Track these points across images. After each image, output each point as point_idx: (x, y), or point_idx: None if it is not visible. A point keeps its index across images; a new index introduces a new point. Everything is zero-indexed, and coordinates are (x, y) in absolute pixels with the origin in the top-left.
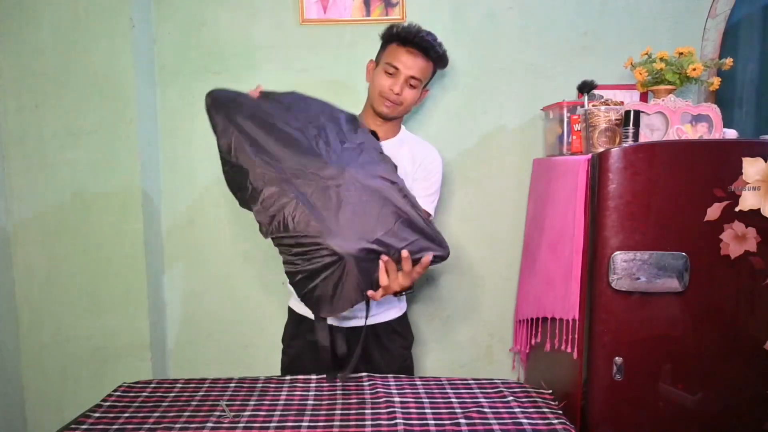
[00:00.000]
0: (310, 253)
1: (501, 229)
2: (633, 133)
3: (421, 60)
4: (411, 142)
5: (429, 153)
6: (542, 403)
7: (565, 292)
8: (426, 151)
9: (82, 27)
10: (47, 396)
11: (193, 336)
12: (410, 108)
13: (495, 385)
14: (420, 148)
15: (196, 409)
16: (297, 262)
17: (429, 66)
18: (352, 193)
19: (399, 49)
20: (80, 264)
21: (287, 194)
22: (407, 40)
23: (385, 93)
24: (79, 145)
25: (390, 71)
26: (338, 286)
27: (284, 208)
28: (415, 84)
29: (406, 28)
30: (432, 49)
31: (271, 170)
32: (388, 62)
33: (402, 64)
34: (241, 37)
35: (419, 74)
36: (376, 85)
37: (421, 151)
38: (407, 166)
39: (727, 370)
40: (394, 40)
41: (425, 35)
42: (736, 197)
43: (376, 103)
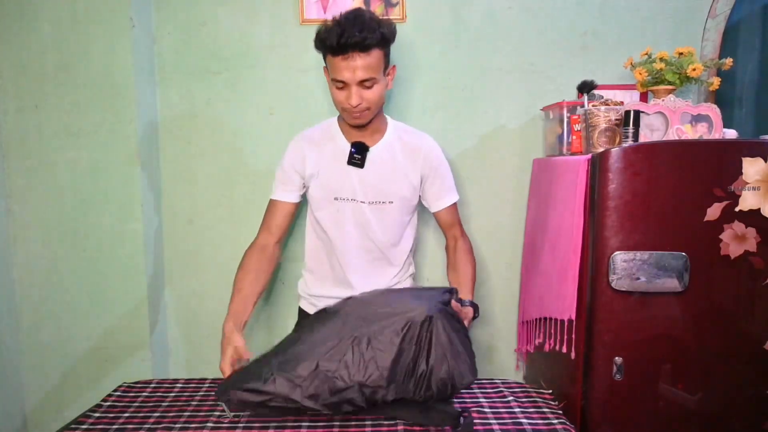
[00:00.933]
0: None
1: (501, 229)
2: (633, 133)
3: (360, 59)
4: (404, 134)
5: (423, 143)
6: (542, 403)
7: (561, 292)
8: (420, 141)
9: (82, 27)
10: (47, 396)
11: (193, 336)
12: (382, 101)
13: (495, 385)
14: (413, 140)
15: (196, 409)
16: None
17: (374, 55)
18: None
19: (335, 60)
20: (80, 264)
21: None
22: (336, 48)
23: (346, 108)
24: (79, 145)
25: (338, 86)
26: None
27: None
28: (370, 84)
29: (328, 33)
30: (365, 42)
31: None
32: (333, 78)
33: (346, 75)
34: (241, 37)
35: (368, 73)
36: (334, 100)
37: (415, 143)
38: (406, 164)
39: (727, 370)
40: (326, 51)
41: (352, 33)
42: (736, 197)
43: (345, 117)
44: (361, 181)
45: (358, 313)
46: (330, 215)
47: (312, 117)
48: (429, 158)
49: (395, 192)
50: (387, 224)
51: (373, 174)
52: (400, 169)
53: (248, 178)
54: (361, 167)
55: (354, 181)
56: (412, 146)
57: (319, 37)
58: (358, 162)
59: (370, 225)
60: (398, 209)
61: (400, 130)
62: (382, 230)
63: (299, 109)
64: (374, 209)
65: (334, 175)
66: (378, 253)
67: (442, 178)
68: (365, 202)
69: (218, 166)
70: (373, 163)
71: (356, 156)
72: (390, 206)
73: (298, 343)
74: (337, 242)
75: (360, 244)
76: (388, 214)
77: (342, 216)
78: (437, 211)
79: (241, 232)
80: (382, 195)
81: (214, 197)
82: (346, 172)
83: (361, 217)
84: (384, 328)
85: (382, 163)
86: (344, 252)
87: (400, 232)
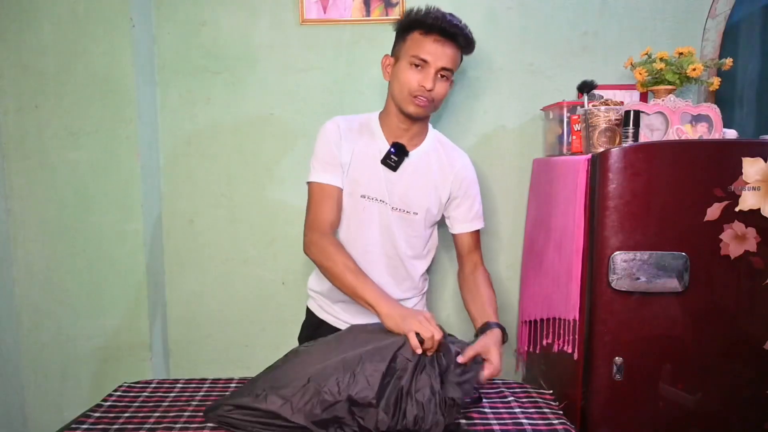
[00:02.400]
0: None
1: (501, 229)
2: (633, 133)
3: (450, 48)
4: (441, 147)
5: (460, 159)
6: (543, 403)
7: (566, 292)
8: (457, 157)
9: (82, 27)
10: (47, 396)
11: (193, 336)
12: (442, 102)
13: (495, 385)
14: (450, 154)
15: (196, 409)
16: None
17: (458, 54)
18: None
19: (424, 39)
20: (80, 264)
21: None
22: (433, 27)
23: (414, 90)
24: (79, 145)
25: (417, 63)
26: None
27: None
28: (446, 75)
29: (429, 12)
30: (461, 35)
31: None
32: (415, 54)
33: (431, 56)
34: (241, 37)
35: (450, 64)
36: (402, 81)
37: (453, 157)
38: (438, 178)
39: (727, 370)
40: (415, 28)
41: (452, 19)
42: (736, 197)
43: (404, 104)
44: (390, 184)
45: (354, 335)
46: (355, 212)
47: (312, 117)
48: (461, 176)
49: (422, 204)
50: (409, 235)
51: (404, 180)
52: (432, 181)
53: (248, 178)
54: (394, 170)
55: (383, 182)
56: (448, 161)
57: (411, 16)
58: (392, 164)
59: (393, 231)
60: (422, 222)
61: (440, 141)
62: (404, 239)
63: (299, 109)
64: (398, 217)
65: (365, 170)
66: (397, 260)
67: (471, 201)
68: (391, 206)
69: (218, 166)
70: (405, 170)
71: (393, 157)
72: (414, 217)
73: (290, 362)
74: (358, 242)
75: (381, 248)
76: (410, 225)
77: (367, 215)
78: (460, 233)
79: (241, 232)
80: (408, 204)
81: (214, 197)
82: (377, 171)
83: (386, 220)
84: (379, 349)
85: (415, 172)
86: (364, 253)
87: (421, 246)
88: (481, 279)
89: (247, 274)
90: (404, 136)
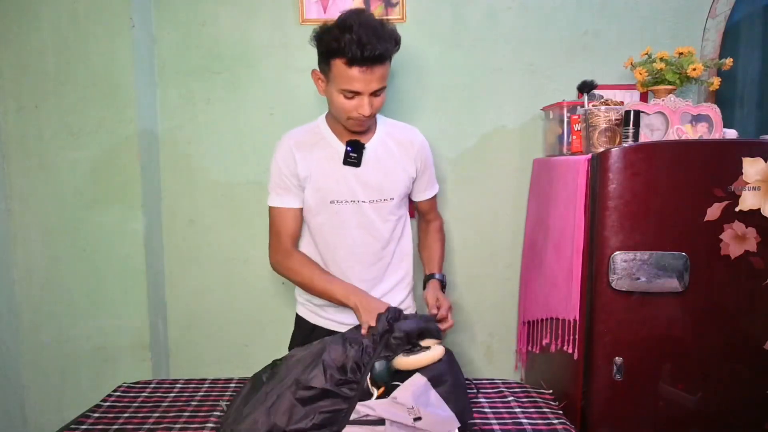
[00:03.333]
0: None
1: (501, 229)
2: (633, 133)
3: (378, 69)
4: (394, 129)
5: (416, 136)
6: (542, 403)
7: (566, 292)
8: (413, 135)
9: (82, 27)
10: (47, 396)
11: (193, 336)
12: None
13: (495, 386)
14: (405, 134)
15: (196, 409)
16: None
17: (388, 64)
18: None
19: (350, 71)
20: (80, 264)
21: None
22: (355, 59)
23: (354, 117)
24: (79, 145)
25: (348, 96)
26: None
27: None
28: (380, 93)
29: (343, 42)
30: (386, 54)
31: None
32: (344, 88)
33: (361, 86)
34: (241, 37)
35: (381, 83)
36: (338, 107)
37: (408, 136)
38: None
39: (727, 370)
40: (337, 56)
41: (373, 45)
42: (736, 197)
43: (346, 125)
44: (360, 180)
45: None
46: (328, 220)
47: (312, 117)
48: (422, 151)
49: (395, 188)
50: (387, 220)
51: (372, 172)
52: (398, 163)
53: (248, 178)
54: (357, 166)
55: (352, 181)
56: (406, 140)
57: (326, 44)
58: (354, 161)
59: (373, 224)
60: (396, 205)
61: (389, 125)
62: (385, 228)
63: (299, 109)
64: (375, 208)
65: (328, 177)
66: (381, 253)
67: (430, 171)
68: (366, 201)
69: (218, 166)
70: (369, 161)
71: (352, 155)
72: (390, 203)
73: (248, 401)
74: (338, 248)
75: (363, 248)
76: (387, 212)
77: (341, 219)
78: (422, 201)
79: (241, 233)
80: (383, 192)
81: (214, 197)
82: (342, 174)
83: (363, 217)
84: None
85: (379, 160)
86: (346, 257)
87: (399, 228)
88: (433, 232)
89: (247, 274)
90: (356, 134)
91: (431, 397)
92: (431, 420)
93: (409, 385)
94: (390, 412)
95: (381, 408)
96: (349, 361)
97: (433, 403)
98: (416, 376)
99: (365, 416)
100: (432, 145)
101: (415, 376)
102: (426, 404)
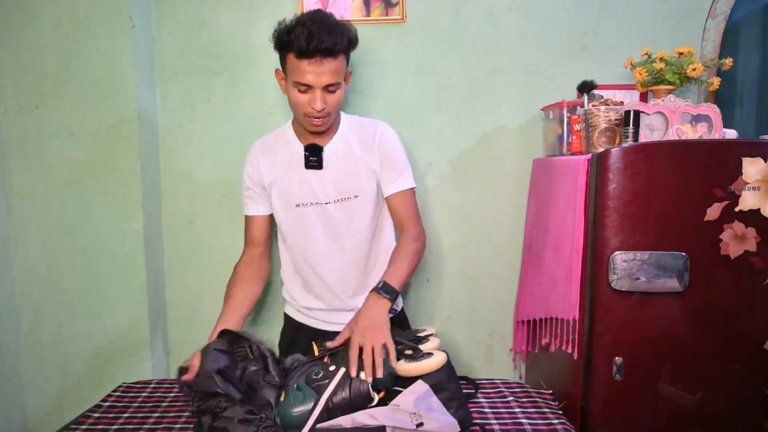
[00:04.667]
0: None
1: (501, 229)
2: (633, 133)
3: (329, 63)
4: (358, 126)
5: (377, 129)
6: (542, 403)
7: (565, 292)
8: (374, 129)
9: (82, 27)
10: (47, 396)
11: (193, 336)
12: (341, 106)
13: (495, 385)
14: (367, 130)
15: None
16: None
17: (340, 60)
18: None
19: (300, 63)
20: (80, 264)
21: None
22: (302, 52)
23: (307, 112)
24: (79, 145)
25: (301, 89)
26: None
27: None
28: (334, 89)
29: (293, 34)
30: (335, 48)
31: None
32: (296, 81)
33: (311, 79)
34: (241, 37)
35: (333, 78)
36: (293, 103)
37: (370, 131)
38: (364, 155)
39: (727, 370)
40: (288, 50)
41: (321, 37)
42: (736, 197)
43: (302, 122)
44: (322, 182)
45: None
46: (294, 223)
47: None
48: (381, 142)
49: (358, 185)
50: (357, 219)
51: (333, 172)
52: (360, 160)
53: None
54: (319, 168)
55: (313, 183)
56: (367, 134)
57: (280, 38)
58: (315, 164)
59: (339, 225)
60: (363, 202)
61: (355, 123)
62: (355, 228)
63: None
64: (340, 208)
65: (291, 181)
66: (354, 252)
67: (394, 162)
68: (329, 202)
69: (218, 166)
70: (330, 162)
71: (312, 159)
72: (355, 200)
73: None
74: (307, 250)
75: (332, 248)
76: (355, 210)
77: (307, 222)
78: (389, 196)
79: (241, 233)
80: (344, 191)
81: (214, 197)
82: (304, 177)
83: (328, 219)
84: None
85: (340, 160)
86: (317, 258)
87: (373, 225)
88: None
89: None
90: (318, 136)
91: (433, 403)
92: (433, 425)
93: (411, 392)
94: (392, 419)
95: (382, 415)
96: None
97: (435, 409)
98: (418, 383)
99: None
100: (432, 145)
101: (417, 383)
102: (428, 410)
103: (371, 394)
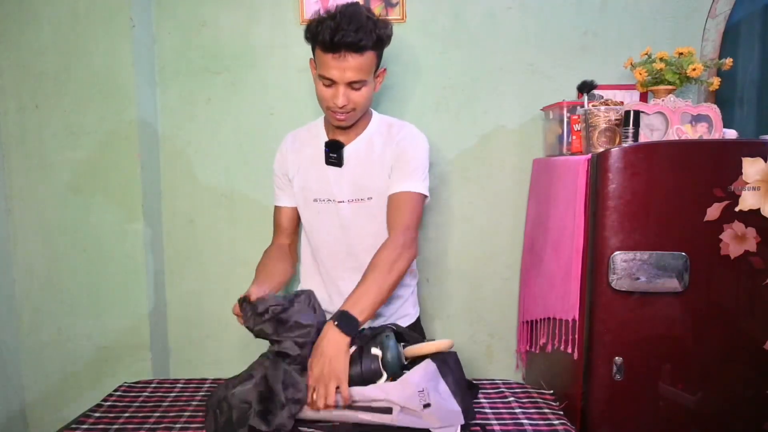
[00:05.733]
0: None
1: (501, 229)
2: (633, 133)
3: (353, 59)
4: (387, 128)
5: (402, 129)
6: (543, 403)
7: (565, 292)
8: (399, 129)
9: (82, 27)
10: (47, 396)
11: (193, 336)
12: (369, 103)
13: (496, 386)
14: (393, 130)
15: (196, 409)
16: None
17: (367, 57)
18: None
19: (325, 57)
20: (80, 264)
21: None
22: (327, 45)
23: (330, 106)
24: (79, 145)
25: (326, 83)
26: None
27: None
28: (359, 86)
29: (321, 27)
30: (360, 44)
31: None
32: (321, 74)
33: (335, 74)
34: (241, 37)
35: (358, 75)
36: (319, 96)
37: (395, 131)
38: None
39: (727, 370)
40: (315, 43)
41: (346, 32)
42: (736, 197)
43: (328, 116)
44: (339, 179)
45: None
46: (311, 218)
47: (312, 117)
48: (400, 142)
49: (373, 187)
50: (368, 222)
51: (351, 171)
52: (378, 161)
53: (248, 178)
54: (339, 166)
55: (331, 180)
56: (391, 135)
57: (310, 30)
58: (335, 161)
59: (351, 227)
60: (378, 206)
61: (384, 123)
62: (365, 231)
63: (299, 109)
64: (354, 208)
65: (311, 176)
66: (365, 257)
67: (406, 162)
68: (344, 201)
69: (218, 166)
70: (351, 160)
71: (332, 155)
72: (369, 203)
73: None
74: (320, 248)
75: (342, 249)
76: (369, 212)
77: (322, 218)
78: (390, 195)
79: (241, 232)
80: (359, 192)
81: (214, 197)
82: (324, 173)
83: (341, 219)
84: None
85: (360, 159)
86: (328, 256)
87: (384, 232)
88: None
89: (247, 275)
90: (344, 133)
91: (440, 385)
92: (439, 409)
93: (420, 367)
94: (400, 395)
95: (391, 390)
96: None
97: (441, 392)
98: (427, 361)
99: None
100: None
101: (426, 361)
102: (436, 389)
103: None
